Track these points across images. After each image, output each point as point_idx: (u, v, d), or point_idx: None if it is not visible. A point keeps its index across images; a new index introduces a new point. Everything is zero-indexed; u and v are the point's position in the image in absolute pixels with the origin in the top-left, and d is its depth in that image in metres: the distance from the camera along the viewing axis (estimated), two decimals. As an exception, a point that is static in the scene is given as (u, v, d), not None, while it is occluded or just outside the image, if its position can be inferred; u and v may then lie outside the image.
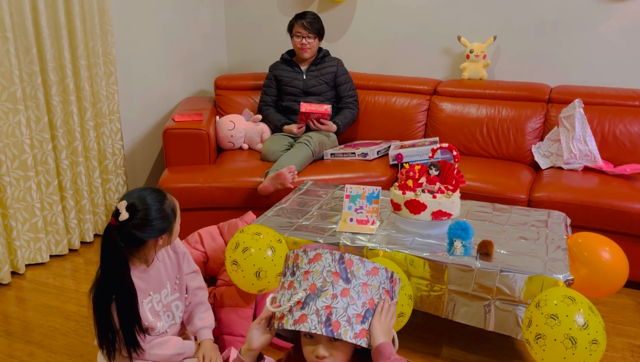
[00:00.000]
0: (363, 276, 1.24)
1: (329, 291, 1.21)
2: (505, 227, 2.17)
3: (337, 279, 1.22)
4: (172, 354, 1.80)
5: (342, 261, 1.25)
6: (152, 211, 1.65)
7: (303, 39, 3.17)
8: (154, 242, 1.70)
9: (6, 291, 2.61)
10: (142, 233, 1.65)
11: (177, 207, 1.75)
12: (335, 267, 1.24)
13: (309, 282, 1.24)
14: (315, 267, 1.24)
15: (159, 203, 1.67)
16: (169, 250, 1.85)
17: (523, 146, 3.08)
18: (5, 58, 2.50)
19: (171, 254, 1.86)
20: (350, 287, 1.22)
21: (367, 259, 1.32)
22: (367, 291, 1.24)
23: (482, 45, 3.32)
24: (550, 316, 1.62)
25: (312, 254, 1.28)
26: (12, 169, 2.64)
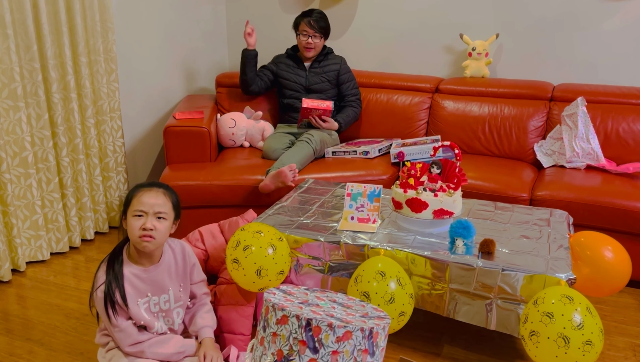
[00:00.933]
0: (332, 344, 1.16)
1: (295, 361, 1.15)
2: (507, 226, 2.16)
3: (304, 348, 1.15)
4: (173, 353, 1.80)
5: (309, 328, 1.16)
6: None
7: (309, 37, 3.16)
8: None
9: (6, 288, 2.61)
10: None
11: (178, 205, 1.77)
12: (302, 334, 1.16)
13: (277, 347, 1.18)
14: (282, 331, 1.18)
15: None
16: (178, 258, 1.85)
17: (525, 144, 3.07)
18: (6, 55, 2.49)
19: (179, 262, 1.85)
20: (317, 358, 1.15)
21: (338, 321, 1.21)
22: (337, 360, 1.17)
23: (485, 43, 3.30)
24: (545, 313, 1.62)
25: (280, 315, 1.20)
26: (13, 166, 2.64)
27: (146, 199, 1.67)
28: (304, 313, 1.21)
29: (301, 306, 1.31)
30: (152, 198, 1.68)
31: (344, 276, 2.08)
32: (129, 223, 1.69)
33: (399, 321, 1.86)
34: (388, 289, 1.84)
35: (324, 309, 1.33)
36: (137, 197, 1.68)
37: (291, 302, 1.31)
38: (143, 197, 1.68)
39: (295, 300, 1.36)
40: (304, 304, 1.35)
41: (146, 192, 1.69)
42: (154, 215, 1.68)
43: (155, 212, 1.68)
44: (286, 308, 1.24)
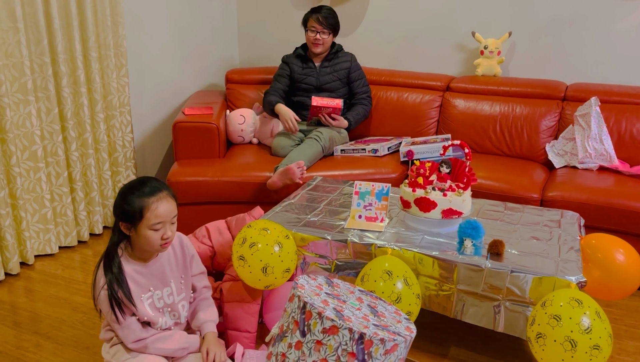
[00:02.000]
0: (381, 356, 1.16)
1: None
2: (517, 227, 2.13)
3: (353, 360, 1.13)
4: (176, 349, 1.79)
5: (361, 341, 1.15)
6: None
7: (317, 34, 3.14)
8: None
9: (15, 281, 2.62)
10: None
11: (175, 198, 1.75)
12: (352, 347, 1.15)
13: (320, 356, 1.16)
14: (329, 341, 1.16)
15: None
16: (176, 249, 1.83)
17: (537, 144, 3.03)
18: (17, 49, 2.50)
19: (178, 253, 1.84)
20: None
21: (387, 335, 1.22)
22: None
23: (497, 41, 3.26)
24: (553, 316, 1.59)
25: (329, 324, 1.18)
26: (22, 160, 2.65)
27: (162, 211, 1.63)
28: (355, 326, 1.19)
29: (341, 308, 1.33)
30: (166, 207, 1.64)
31: (350, 275, 2.06)
32: (145, 234, 1.63)
33: (405, 321, 1.84)
34: (395, 288, 1.82)
35: (355, 314, 1.34)
36: (151, 211, 1.61)
37: (326, 304, 1.31)
38: (158, 209, 1.62)
39: (330, 302, 1.35)
40: (337, 302, 1.36)
41: (158, 202, 1.63)
42: (170, 222, 1.67)
43: (171, 219, 1.68)
44: (336, 319, 1.24)
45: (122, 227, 1.66)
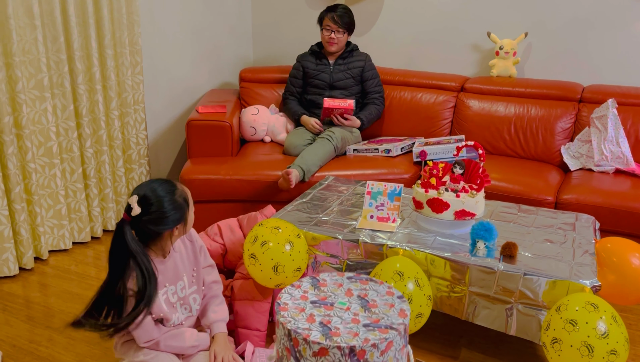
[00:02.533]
0: (378, 358, 1.18)
1: None
2: (530, 229, 2.11)
3: None
4: (187, 346, 1.80)
5: (354, 354, 1.16)
6: (165, 202, 1.63)
7: (332, 32, 3.13)
8: (169, 234, 1.69)
9: (29, 276, 2.65)
10: (157, 226, 1.64)
11: (189, 195, 1.73)
12: (347, 361, 1.16)
13: None
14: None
15: (170, 194, 1.65)
16: (186, 242, 1.84)
17: (552, 146, 2.99)
18: (33, 46, 2.53)
19: (188, 246, 1.85)
20: None
21: (378, 338, 1.23)
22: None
23: (513, 41, 3.23)
24: (569, 321, 1.57)
25: (317, 348, 1.18)
26: (38, 156, 2.68)
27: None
28: (343, 341, 1.19)
29: (328, 318, 1.33)
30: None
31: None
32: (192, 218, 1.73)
33: (416, 322, 1.83)
34: (406, 289, 1.81)
35: (344, 319, 1.34)
36: (190, 215, 1.72)
37: (312, 322, 1.32)
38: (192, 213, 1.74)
39: (316, 314, 1.36)
40: (323, 311, 1.36)
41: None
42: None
43: None
44: (322, 341, 1.25)
45: (176, 230, 1.68)
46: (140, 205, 1.59)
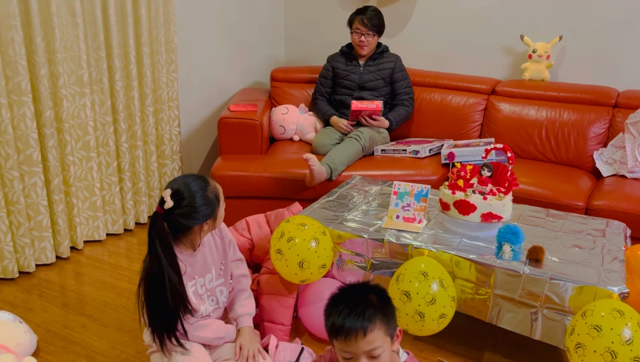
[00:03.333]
0: None
1: None
2: (558, 234, 2.09)
3: None
4: (214, 338, 1.85)
5: None
6: (197, 197, 1.68)
7: (362, 36, 3.15)
8: (199, 228, 1.74)
9: (65, 264, 2.75)
10: (187, 220, 1.69)
11: (221, 192, 1.78)
12: None
13: None
14: None
15: (202, 190, 1.70)
16: (215, 236, 1.89)
17: (584, 152, 2.95)
18: (75, 43, 2.62)
19: (217, 240, 1.89)
20: None
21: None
22: None
23: (547, 45, 3.20)
24: (593, 326, 1.56)
25: None
26: (76, 149, 2.78)
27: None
28: None
29: None
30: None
31: (385, 274, 2.07)
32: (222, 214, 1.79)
33: (439, 322, 1.84)
34: (430, 289, 1.82)
35: None
36: (220, 212, 1.77)
37: None
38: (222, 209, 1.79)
39: None
40: None
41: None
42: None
43: None
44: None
45: (206, 225, 1.73)
46: (173, 199, 1.64)
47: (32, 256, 2.63)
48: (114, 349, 2.11)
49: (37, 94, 2.52)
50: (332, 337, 1.29)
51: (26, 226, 2.56)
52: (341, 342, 1.25)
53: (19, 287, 2.53)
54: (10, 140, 2.42)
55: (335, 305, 1.29)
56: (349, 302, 1.27)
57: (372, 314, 1.25)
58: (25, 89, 2.43)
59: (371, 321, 1.24)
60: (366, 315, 1.24)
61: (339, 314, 1.26)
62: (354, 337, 1.23)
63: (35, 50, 2.46)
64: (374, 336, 1.24)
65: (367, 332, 1.23)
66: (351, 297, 1.28)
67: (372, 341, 1.23)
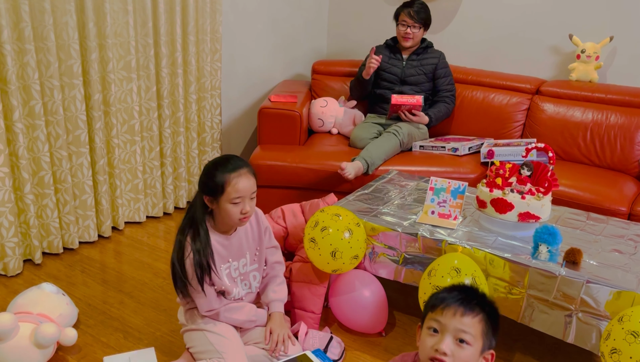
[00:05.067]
0: None
1: None
2: (598, 238, 2.04)
3: None
4: (245, 320, 1.89)
5: None
6: None
7: (408, 28, 3.14)
8: None
9: (106, 243, 2.86)
10: None
11: (255, 178, 1.80)
12: None
13: None
14: None
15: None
16: (252, 222, 1.93)
17: (631, 156, 2.86)
18: (125, 29, 2.71)
19: (254, 226, 1.93)
20: None
21: None
22: None
23: (596, 45, 3.11)
24: (631, 332, 1.52)
25: None
26: (121, 132, 2.87)
27: (242, 186, 1.71)
28: None
29: None
30: (246, 183, 1.72)
31: (417, 269, 2.07)
32: (225, 208, 1.72)
33: (469, 319, 1.83)
34: (462, 286, 1.81)
35: None
36: (232, 185, 1.70)
37: None
38: (238, 184, 1.70)
39: None
40: None
41: (239, 178, 1.71)
42: (249, 197, 1.75)
43: (250, 194, 1.75)
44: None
45: (206, 200, 1.77)
46: None
47: (76, 233, 2.74)
48: (150, 326, 2.18)
49: (87, 78, 2.62)
50: (428, 312, 1.29)
51: (72, 204, 2.67)
52: (437, 313, 1.25)
53: (63, 262, 2.64)
54: (60, 120, 2.52)
55: (449, 290, 1.31)
56: (465, 292, 1.29)
57: (479, 310, 1.26)
58: (77, 72, 2.53)
59: (474, 310, 1.25)
60: (475, 306, 1.26)
61: (451, 294, 1.28)
62: (454, 312, 1.23)
63: (88, 35, 2.56)
64: (471, 323, 1.24)
65: (465, 314, 1.24)
66: (469, 291, 1.31)
67: (467, 325, 1.23)
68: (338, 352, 2.00)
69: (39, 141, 2.47)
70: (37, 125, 2.44)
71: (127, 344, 2.07)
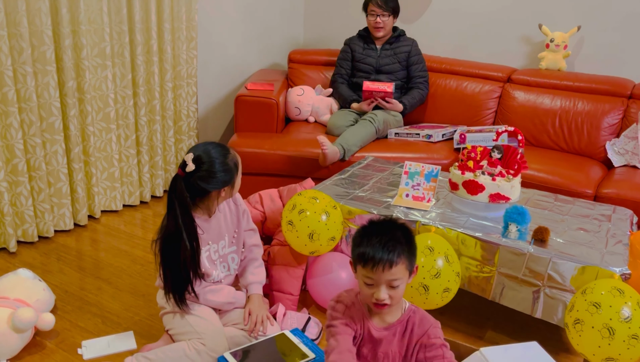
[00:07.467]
0: None
1: None
2: (565, 218, 2.12)
3: None
4: (224, 302, 1.92)
5: None
6: (216, 163, 1.75)
7: (377, 17, 3.18)
8: (216, 194, 1.81)
9: (82, 231, 2.84)
10: (206, 184, 1.75)
11: (239, 162, 1.84)
12: None
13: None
14: None
15: (222, 156, 1.77)
16: (231, 205, 1.95)
17: (597, 142, 2.96)
18: (98, 16, 2.69)
19: (232, 208, 1.96)
20: None
21: None
22: None
23: (565, 34, 3.20)
24: (593, 303, 1.60)
25: None
26: (97, 120, 2.85)
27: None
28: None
29: None
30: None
31: (393, 250, 2.12)
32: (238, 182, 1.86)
33: (443, 296, 1.89)
34: (435, 264, 1.86)
35: None
36: (238, 180, 1.84)
37: None
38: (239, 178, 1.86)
39: None
40: None
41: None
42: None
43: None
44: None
45: (223, 191, 1.80)
46: (194, 163, 1.71)
47: (51, 221, 2.72)
48: (128, 311, 2.19)
49: (61, 64, 2.60)
50: (358, 264, 1.41)
51: (46, 192, 2.65)
52: (367, 270, 1.38)
53: (38, 250, 2.62)
54: (34, 107, 2.50)
55: (366, 236, 1.40)
56: (380, 236, 1.38)
57: (400, 251, 1.37)
58: (50, 58, 2.51)
59: (398, 256, 1.37)
60: (395, 251, 1.36)
61: (371, 246, 1.37)
62: (381, 268, 1.36)
63: (61, 21, 2.53)
64: (398, 269, 1.37)
65: (392, 266, 1.36)
66: (382, 231, 1.40)
67: (395, 274, 1.37)
68: (316, 332, 2.04)
69: (12, 128, 2.44)
70: (10, 112, 2.42)
71: (106, 329, 2.08)
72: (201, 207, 1.84)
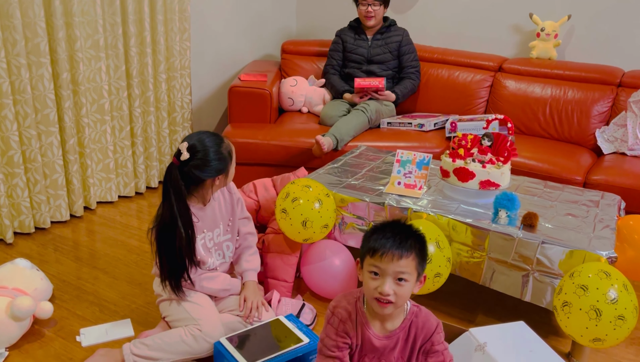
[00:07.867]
0: None
1: None
2: (554, 204, 2.16)
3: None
4: (219, 289, 1.95)
5: None
6: (210, 152, 1.77)
7: (368, 6, 3.20)
8: (211, 182, 1.83)
9: (79, 222, 2.86)
10: (201, 172, 1.78)
11: (233, 151, 1.87)
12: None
13: None
14: None
15: (216, 145, 1.79)
16: (225, 193, 1.98)
17: (587, 129, 3.00)
18: (91, 8, 2.70)
19: (227, 197, 1.99)
20: None
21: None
22: None
23: (555, 24, 3.22)
24: (580, 286, 1.64)
25: None
26: (91, 112, 2.87)
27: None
28: None
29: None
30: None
31: (385, 237, 2.15)
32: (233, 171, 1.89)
33: (434, 281, 1.93)
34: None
35: None
36: (232, 169, 1.87)
37: None
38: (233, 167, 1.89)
39: None
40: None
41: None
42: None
43: None
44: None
45: (217, 180, 1.82)
46: (189, 152, 1.74)
47: (47, 212, 2.74)
48: (125, 299, 2.22)
49: (55, 56, 2.61)
50: (367, 255, 1.38)
51: (42, 183, 2.67)
52: (376, 258, 1.35)
53: (35, 241, 2.65)
54: (28, 99, 2.51)
55: (380, 230, 1.39)
56: (394, 230, 1.38)
57: (412, 247, 1.36)
58: (44, 50, 2.51)
59: (409, 251, 1.35)
60: (407, 244, 1.35)
61: (384, 236, 1.36)
62: (390, 257, 1.34)
63: (54, 13, 2.54)
64: (407, 263, 1.35)
65: (402, 257, 1.34)
66: (396, 228, 1.40)
67: (403, 266, 1.35)
68: (310, 318, 2.08)
69: (7, 120, 2.45)
70: (5, 104, 2.43)
71: (103, 317, 2.11)
72: (196, 196, 1.87)
